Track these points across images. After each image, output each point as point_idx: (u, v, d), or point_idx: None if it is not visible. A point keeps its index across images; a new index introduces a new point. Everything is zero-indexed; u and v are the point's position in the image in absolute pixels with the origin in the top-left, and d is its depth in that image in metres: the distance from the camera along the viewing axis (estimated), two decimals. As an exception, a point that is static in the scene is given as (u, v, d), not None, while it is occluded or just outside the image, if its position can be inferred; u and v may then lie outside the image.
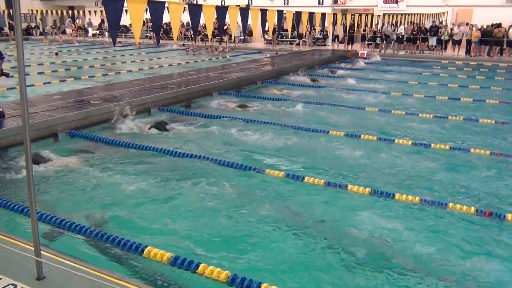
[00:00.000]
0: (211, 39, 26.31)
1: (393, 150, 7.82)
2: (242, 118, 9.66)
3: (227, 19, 14.19)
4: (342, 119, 10.08)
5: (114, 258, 4.28)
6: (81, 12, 36.11)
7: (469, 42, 22.82)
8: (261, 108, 11.12)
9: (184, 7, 12.52)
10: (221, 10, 12.91)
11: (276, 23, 16.74)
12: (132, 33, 17.50)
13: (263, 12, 15.29)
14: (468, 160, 7.37)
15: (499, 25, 22.77)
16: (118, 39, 20.18)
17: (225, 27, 21.64)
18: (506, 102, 12.04)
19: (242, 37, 26.87)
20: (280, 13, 16.90)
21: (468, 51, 22.99)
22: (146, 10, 10.53)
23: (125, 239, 4.42)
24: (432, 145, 7.99)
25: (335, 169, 6.86)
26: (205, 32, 23.29)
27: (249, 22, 15.33)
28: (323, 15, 21.14)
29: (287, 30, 27.27)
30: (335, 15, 23.89)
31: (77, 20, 34.93)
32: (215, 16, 12.70)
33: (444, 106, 11.73)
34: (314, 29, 23.61)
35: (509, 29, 22.12)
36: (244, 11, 14.29)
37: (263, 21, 15.68)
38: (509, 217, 5.17)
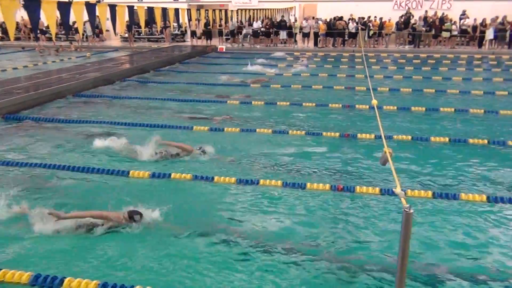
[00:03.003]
0: (55, 37, 24.30)
1: (255, 139, 8.18)
2: (105, 121, 9.24)
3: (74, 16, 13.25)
4: (205, 112, 10.21)
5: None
6: None
7: (316, 35, 24.79)
8: (125, 108, 10.74)
9: (22, 4, 11.33)
10: (64, 6, 11.94)
11: (128, 20, 16.16)
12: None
13: (112, 8, 14.60)
14: (321, 142, 8.04)
15: (340, 18, 25.16)
16: None
17: (74, 25, 20.25)
18: (349, 88, 13.38)
19: (93, 35, 25.37)
20: (131, 8, 16.36)
21: (316, 43, 24.96)
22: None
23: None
24: (290, 131, 8.54)
25: (201, 162, 6.91)
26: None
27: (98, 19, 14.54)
28: (177, 10, 21.04)
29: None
30: (189, 10, 23.90)
31: None
32: (58, 13, 11.76)
33: (299, 94, 12.59)
34: (170, 25, 23.38)
35: (348, 22, 24.53)
36: (91, 7, 13.42)
37: (113, 18, 14.96)
38: (357, 189, 5.81)
